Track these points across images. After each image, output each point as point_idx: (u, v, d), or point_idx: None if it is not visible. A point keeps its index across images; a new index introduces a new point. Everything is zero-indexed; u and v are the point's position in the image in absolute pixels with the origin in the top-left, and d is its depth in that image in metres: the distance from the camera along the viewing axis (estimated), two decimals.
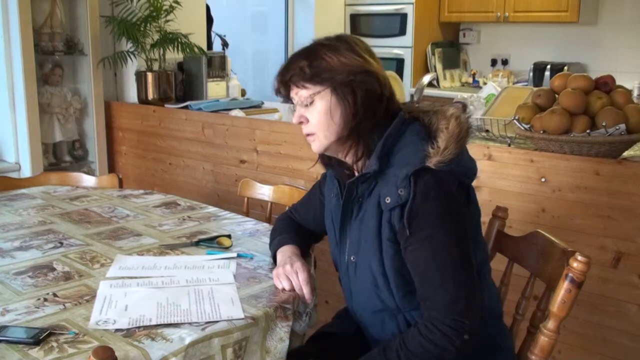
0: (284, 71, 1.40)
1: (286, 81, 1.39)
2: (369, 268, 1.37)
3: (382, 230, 1.33)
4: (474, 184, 1.39)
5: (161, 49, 3.50)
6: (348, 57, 1.36)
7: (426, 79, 3.14)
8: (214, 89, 3.71)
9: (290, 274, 1.47)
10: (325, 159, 1.49)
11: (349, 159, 1.42)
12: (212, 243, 1.77)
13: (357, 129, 1.36)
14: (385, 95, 1.38)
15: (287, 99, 1.43)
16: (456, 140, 1.30)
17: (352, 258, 1.42)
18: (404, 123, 1.37)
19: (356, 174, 1.43)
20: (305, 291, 1.45)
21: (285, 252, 1.55)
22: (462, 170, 1.33)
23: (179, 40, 3.46)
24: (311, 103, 1.37)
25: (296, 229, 1.66)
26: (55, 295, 1.41)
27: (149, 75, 3.52)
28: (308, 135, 1.41)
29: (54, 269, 1.57)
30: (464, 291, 1.27)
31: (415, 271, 1.30)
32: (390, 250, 1.32)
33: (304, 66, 1.36)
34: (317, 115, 1.37)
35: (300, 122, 1.41)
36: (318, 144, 1.40)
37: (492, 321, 1.43)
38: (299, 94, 1.38)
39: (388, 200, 1.30)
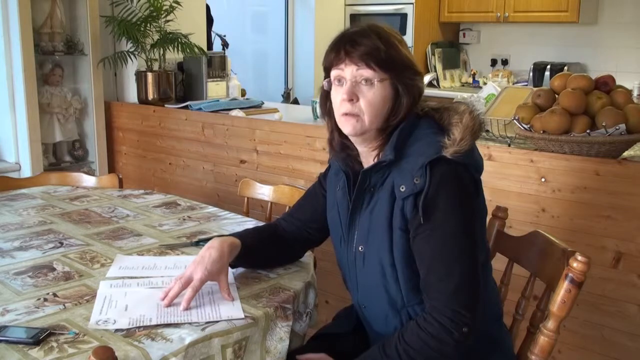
0: (355, 44, 1.32)
1: (354, 55, 1.33)
2: (377, 259, 1.37)
3: (393, 219, 1.33)
4: None
5: (161, 49, 3.50)
6: (409, 54, 1.38)
7: (426, 79, 3.14)
8: (214, 89, 3.71)
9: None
10: (339, 145, 1.44)
11: (374, 152, 1.40)
12: None
13: (396, 125, 1.36)
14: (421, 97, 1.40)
15: (329, 68, 1.38)
16: (471, 132, 1.31)
17: (360, 248, 1.40)
18: (416, 117, 1.38)
19: (364, 165, 1.42)
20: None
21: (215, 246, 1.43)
22: (473, 164, 1.34)
23: (179, 40, 3.46)
24: (370, 85, 1.33)
25: (267, 235, 1.60)
26: (55, 295, 1.41)
27: (149, 75, 3.52)
28: (347, 114, 1.35)
29: (54, 269, 1.57)
30: (467, 283, 1.27)
31: (421, 260, 1.31)
32: (401, 239, 1.32)
33: (381, 49, 1.32)
34: (371, 99, 1.33)
35: (350, 100, 1.34)
36: (360, 126, 1.34)
37: (492, 321, 1.43)
38: (360, 71, 1.33)
39: (403, 188, 1.30)
